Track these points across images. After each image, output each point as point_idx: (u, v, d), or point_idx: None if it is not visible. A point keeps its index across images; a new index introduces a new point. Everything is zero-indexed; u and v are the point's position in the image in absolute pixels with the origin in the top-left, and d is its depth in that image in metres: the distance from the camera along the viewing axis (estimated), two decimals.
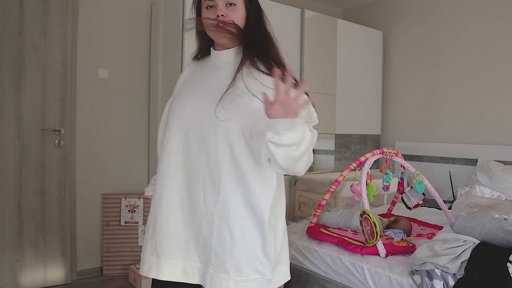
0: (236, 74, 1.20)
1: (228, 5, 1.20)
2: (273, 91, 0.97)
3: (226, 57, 1.27)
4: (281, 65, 1.24)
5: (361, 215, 2.02)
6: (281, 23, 3.24)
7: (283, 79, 0.97)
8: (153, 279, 1.28)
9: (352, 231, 2.35)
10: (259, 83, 1.18)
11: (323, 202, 2.37)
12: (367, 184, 2.08)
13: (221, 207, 1.18)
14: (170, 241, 1.23)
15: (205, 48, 1.33)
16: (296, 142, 1.02)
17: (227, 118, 1.15)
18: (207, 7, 1.22)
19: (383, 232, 2.25)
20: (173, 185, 1.24)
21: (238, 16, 1.22)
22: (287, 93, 0.96)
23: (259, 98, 1.13)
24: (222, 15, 1.19)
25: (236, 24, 1.22)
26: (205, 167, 1.20)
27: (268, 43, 1.27)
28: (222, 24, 1.19)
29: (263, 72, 1.21)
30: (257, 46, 1.24)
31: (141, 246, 2.92)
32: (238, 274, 1.17)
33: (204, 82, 1.28)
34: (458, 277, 1.61)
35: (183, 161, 1.23)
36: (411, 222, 2.46)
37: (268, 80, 1.17)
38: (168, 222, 1.24)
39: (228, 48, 1.26)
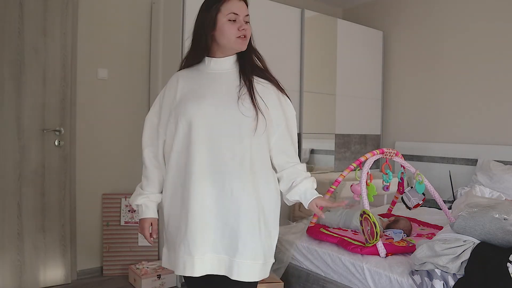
0: (242, 78, 1.36)
1: (245, 21, 1.37)
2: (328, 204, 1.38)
3: (226, 64, 1.41)
4: (268, 72, 1.44)
5: (361, 215, 2.02)
6: (281, 23, 3.24)
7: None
8: (184, 276, 1.39)
9: (352, 231, 2.35)
10: (261, 86, 1.39)
11: None
12: (367, 184, 2.08)
13: (248, 198, 1.32)
14: (201, 238, 1.32)
15: (201, 55, 1.42)
16: None
17: (250, 114, 1.31)
18: (229, 19, 1.34)
19: (383, 232, 2.25)
20: (199, 184, 1.32)
21: (250, 31, 1.39)
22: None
23: (263, 100, 1.35)
24: (244, 29, 1.35)
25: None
26: (230, 163, 1.32)
27: (256, 56, 1.45)
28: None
29: (260, 76, 1.41)
30: (250, 57, 1.43)
31: (141, 246, 2.94)
32: (259, 258, 1.32)
33: (212, 86, 1.38)
34: (458, 277, 1.61)
35: (209, 160, 1.32)
36: (411, 222, 2.46)
37: (266, 83, 1.41)
38: (199, 221, 1.32)
39: (228, 56, 1.41)
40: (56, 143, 2.70)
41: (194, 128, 1.32)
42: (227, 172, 1.32)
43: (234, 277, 1.30)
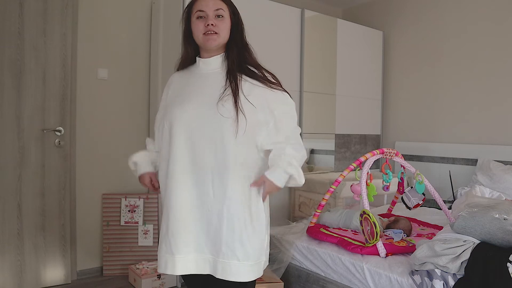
0: (228, 78, 1.36)
1: (217, 16, 1.36)
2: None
3: (214, 64, 1.42)
4: (260, 68, 1.42)
5: (361, 215, 2.02)
6: (281, 23, 3.24)
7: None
8: (183, 276, 1.41)
9: (352, 231, 2.35)
10: (249, 83, 1.37)
11: (323, 202, 2.37)
12: (367, 184, 2.08)
13: (230, 199, 1.31)
14: (183, 237, 1.34)
15: (192, 56, 1.46)
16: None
17: (230, 115, 1.29)
18: (197, 17, 1.37)
19: (383, 232, 2.25)
20: (182, 185, 1.34)
21: (225, 26, 1.38)
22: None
23: (248, 100, 1.33)
24: (212, 25, 1.34)
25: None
26: (213, 164, 1.32)
27: (247, 54, 1.43)
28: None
29: (248, 75, 1.39)
30: (239, 55, 1.41)
31: (141, 246, 2.95)
32: (247, 259, 1.31)
33: (198, 87, 1.40)
34: (458, 277, 1.61)
35: (190, 161, 1.34)
36: (411, 222, 2.46)
37: (254, 81, 1.37)
38: (179, 220, 1.34)
39: (215, 56, 1.41)
40: (56, 143, 2.70)
41: (174, 131, 1.35)
42: (208, 173, 1.33)
43: (218, 275, 1.31)
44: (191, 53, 1.45)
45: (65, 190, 2.74)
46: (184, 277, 1.45)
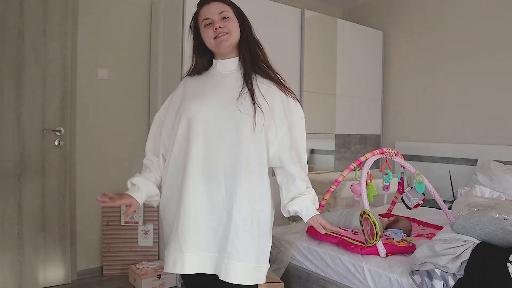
0: (244, 78, 1.37)
1: (223, 18, 1.37)
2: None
3: (231, 65, 1.42)
4: (271, 68, 1.45)
5: (361, 215, 2.02)
6: (281, 23, 3.24)
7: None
8: (182, 276, 1.39)
9: (352, 231, 2.35)
10: (266, 86, 1.39)
11: (323, 202, 2.37)
12: (367, 184, 2.08)
13: (241, 197, 1.30)
14: (193, 235, 1.32)
15: (204, 64, 1.46)
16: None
17: (248, 112, 1.30)
18: (205, 26, 1.38)
19: (383, 232, 2.25)
20: (194, 181, 1.32)
21: (233, 26, 1.39)
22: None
23: (266, 100, 1.35)
24: (220, 27, 1.35)
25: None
26: (227, 161, 1.32)
27: (259, 50, 1.45)
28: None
29: (264, 77, 1.41)
30: (252, 52, 1.42)
31: (141, 246, 2.95)
32: (250, 261, 1.30)
33: (215, 87, 1.41)
34: (458, 277, 1.61)
35: (205, 158, 1.33)
36: (411, 222, 2.46)
37: (270, 83, 1.41)
38: (190, 216, 1.32)
39: (231, 58, 1.42)
40: (56, 143, 2.70)
41: (193, 125, 1.34)
42: (222, 170, 1.32)
43: (222, 277, 1.29)
44: (204, 63, 1.46)
45: (65, 190, 2.74)
46: (185, 277, 1.44)
